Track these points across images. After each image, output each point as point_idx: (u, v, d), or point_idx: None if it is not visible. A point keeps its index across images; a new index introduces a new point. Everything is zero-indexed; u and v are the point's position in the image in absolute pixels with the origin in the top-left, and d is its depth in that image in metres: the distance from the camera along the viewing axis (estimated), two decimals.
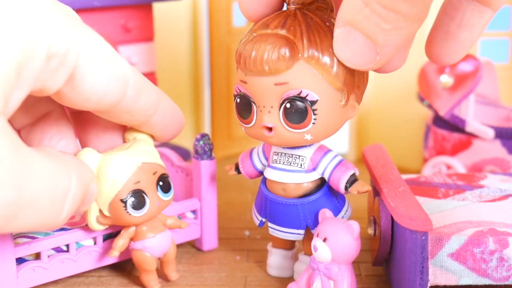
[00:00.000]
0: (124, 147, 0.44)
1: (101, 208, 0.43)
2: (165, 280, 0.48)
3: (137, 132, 0.45)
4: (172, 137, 0.46)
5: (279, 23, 0.40)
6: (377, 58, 0.37)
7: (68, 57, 0.35)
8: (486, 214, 0.45)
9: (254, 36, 0.41)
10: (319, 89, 0.40)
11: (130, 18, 0.64)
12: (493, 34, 0.73)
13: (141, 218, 0.44)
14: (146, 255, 0.45)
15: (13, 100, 0.32)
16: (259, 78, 0.40)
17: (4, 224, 0.31)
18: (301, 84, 0.40)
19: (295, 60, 0.39)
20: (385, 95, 0.73)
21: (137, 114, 0.42)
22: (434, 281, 0.42)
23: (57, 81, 0.35)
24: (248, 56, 0.40)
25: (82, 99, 0.37)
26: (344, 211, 0.46)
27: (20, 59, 0.31)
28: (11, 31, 0.31)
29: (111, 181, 0.43)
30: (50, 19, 0.33)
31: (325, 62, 0.40)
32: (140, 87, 0.40)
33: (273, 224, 0.46)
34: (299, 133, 0.41)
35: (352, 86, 0.41)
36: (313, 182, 0.44)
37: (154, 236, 0.45)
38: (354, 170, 0.44)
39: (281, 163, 0.44)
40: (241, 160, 0.48)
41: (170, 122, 0.45)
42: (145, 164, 0.44)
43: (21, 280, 0.44)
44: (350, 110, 0.42)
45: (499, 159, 0.63)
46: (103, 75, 0.37)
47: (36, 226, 0.34)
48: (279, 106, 0.41)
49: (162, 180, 0.45)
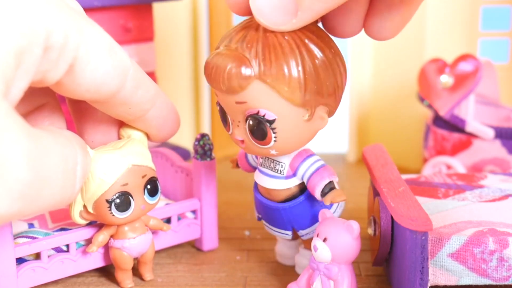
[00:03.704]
0: (117, 145, 0.44)
1: (85, 204, 0.44)
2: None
3: (132, 130, 0.45)
4: (168, 137, 0.46)
5: (241, 37, 0.39)
6: (293, 20, 0.37)
7: (67, 48, 0.35)
8: (486, 214, 0.45)
9: (219, 51, 0.40)
10: (276, 107, 0.39)
11: (130, 18, 0.63)
12: (493, 34, 0.73)
13: (124, 220, 0.44)
14: (124, 254, 0.46)
15: (15, 89, 0.32)
16: (223, 95, 0.40)
17: (26, 206, 0.32)
18: (258, 103, 0.39)
19: (250, 80, 0.39)
20: (385, 95, 0.73)
21: (134, 107, 0.42)
22: (434, 281, 0.42)
23: (57, 72, 0.35)
24: (209, 73, 0.40)
25: (81, 89, 0.37)
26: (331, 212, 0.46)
27: (20, 43, 0.32)
28: (12, 16, 0.31)
29: (99, 180, 0.43)
30: (50, 9, 0.33)
31: (281, 80, 0.38)
32: (138, 79, 0.41)
33: (265, 222, 0.47)
34: (264, 148, 0.41)
35: (317, 98, 0.40)
36: (296, 186, 0.45)
37: (134, 238, 0.45)
38: (331, 178, 0.43)
39: (265, 167, 0.45)
40: (239, 156, 0.49)
41: (166, 120, 0.45)
42: (136, 166, 0.44)
43: (21, 280, 0.44)
44: (318, 122, 0.41)
45: (499, 159, 0.63)
46: (103, 66, 0.37)
47: (55, 204, 0.34)
48: (245, 121, 0.41)
49: (150, 184, 0.45)
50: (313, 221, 0.45)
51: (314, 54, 0.39)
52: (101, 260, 0.47)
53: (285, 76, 0.38)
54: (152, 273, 0.48)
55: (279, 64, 0.38)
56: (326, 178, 0.43)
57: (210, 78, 0.40)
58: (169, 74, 0.75)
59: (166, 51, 0.75)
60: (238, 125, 0.41)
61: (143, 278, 0.48)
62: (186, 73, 0.76)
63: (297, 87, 0.39)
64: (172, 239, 0.51)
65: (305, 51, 0.39)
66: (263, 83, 0.39)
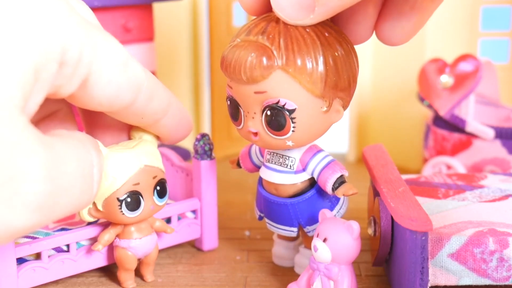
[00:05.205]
0: (129, 145, 0.44)
1: (95, 202, 0.44)
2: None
3: (143, 132, 0.45)
4: (179, 140, 0.47)
5: (260, 29, 0.40)
6: (310, 16, 0.37)
7: (81, 64, 0.35)
8: (486, 214, 0.45)
9: (237, 43, 0.41)
10: (297, 97, 0.40)
11: (130, 18, 0.64)
12: (493, 34, 0.73)
13: (133, 219, 0.44)
14: (129, 254, 0.46)
15: (31, 104, 0.33)
16: (241, 86, 0.41)
17: (44, 217, 0.32)
18: (279, 93, 0.40)
19: (272, 70, 0.39)
20: (385, 95, 0.73)
21: (147, 117, 0.42)
22: (434, 281, 0.42)
23: (70, 86, 0.36)
24: (228, 64, 0.40)
25: (94, 102, 0.38)
26: (337, 209, 0.46)
27: (38, 60, 0.32)
28: (31, 33, 0.32)
29: (111, 178, 0.43)
30: (66, 26, 0.34)
31: (303, 70, 0.39)
32: (152, 91, 0.41)
33: (269, 220, 0.47)
34: (280, 139, 0.41)
35: (335, 91, 0.40)
36: (304, 182, 0.45)
37: (140, 238, 0.46)
38: (342, 172, 0.44)
39: (273, 163, 0.45)
40: (241, 155, 0.49)
41: (178, 126, 0.45)
42: (148, 167, 0.44)
43: (22, 280, 0.44)
44: (334, 115, 0.41)
45: (499, 159, 0.63)
46: (116, 81, 0.38)
47: (74, 210, 0.34)
48: (261, 112, 0.41)
49: (159, 185, 0.45)
50: None
51: (334, 47, 0.40)
52: (102, 260, 0.47)
53: (307, 67, 0.39)
54: (153, 275, 0.48)
55: (302, 55, 0.39)
56: (338, 171, 0.44)
57: (229, 70, 0.40)
58: (169, 74, 0.75)
59: (166, 51, 0.75)
60: (253, 117, 0.41)
61: (144, 279, 0.48)
62: (186, 73, 0.76)
63: (318, 78, 0.39)
64: (172, 239, 0.51)
65: (326, 43, 0.40)
66: (285, 73, 0.39)
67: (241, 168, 0.49)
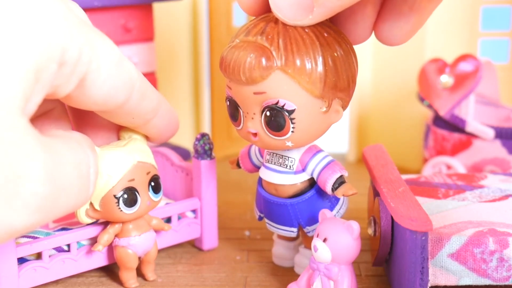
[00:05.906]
0: (120, 144, 0.45)
1: (92, 202, 0.44)
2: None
3: (132, 132, 0.45)
4: (166, 140, 0.47)
5: (259, 30, 0.40)
6: (309, 16, 0.38)
7: (80, 63, 0.35)
8: (486, 214, 0.45)
9: (236, 44, 0.41)
10: (296, 98, 0.40)
11: (130, 18, 0.64)
12: (493, 34, 0.73)
13: (131, 216, 0.45)
14: (129, 253, 0.46)
15: (31, 104, 0.33)
16: (240, 86, 0.41)
17: (43, 217, 0.32)
18: (278, 93, 0.40)
19: (271, 70, 0.39)
20: (385, 95, 0.73)
21: (137, 116, 0.42)
22: (434, 281, 0.42)
23: (68, 86, 0.36)
24: (227, 65, 0.40)
25: (89, 102, 0.38)
26: (337, 210, 0.46)
27: (39, 60, 0.32)
28: (31, 34, 0.32)
29: (106, 176, 0.43)
30: (65, 26, 0.34)
31: (302, 71, 0.39)
32: (144, 91, 0.41)
33: (268, 220, 0.47)
34: (280, 140, 0.41)
35: (334, 91, 0.40)
36: (303, 182, 0.45)
37: (139, 235, 0.46)
38: (342, 172, 0.44)
39: (273, 164, 0.45)
40: (241, 156, 0.49)
41: (166, 126, 0.45)
42: (141, 163, 0.44)
43: (23, 280, 0.44)
44: (333, 115, 0.42)
45: (499, 159, 0.63)
46: (111, 80, 0.38)
47: (71, 209, 0.35)
48: (261, 113, 0.41)
49: (153, 181, 0.45)
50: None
51: (333, 47, 0.40)
52: (102, 260, 0.47)
53: (307, 68, 0.39)
54: (154, 273, 0.48)
55: (301, 55, 0.39)
56: (337, 172, 0.44)
57: (228, 71, 0.40)
58: (169, 74, 0.75)
59: (166, 51, 0.75)
60: (252, 118, 0.42)
61: (146, 278, 0.48)
62: (186, 73, 0.76)
63: (317, 78, 0.39)
64: (172, 239, 0.51)
65: (325, 44, 0.40)
66: (284, 74, 0.39)
67: (241, 169, 0.49)
